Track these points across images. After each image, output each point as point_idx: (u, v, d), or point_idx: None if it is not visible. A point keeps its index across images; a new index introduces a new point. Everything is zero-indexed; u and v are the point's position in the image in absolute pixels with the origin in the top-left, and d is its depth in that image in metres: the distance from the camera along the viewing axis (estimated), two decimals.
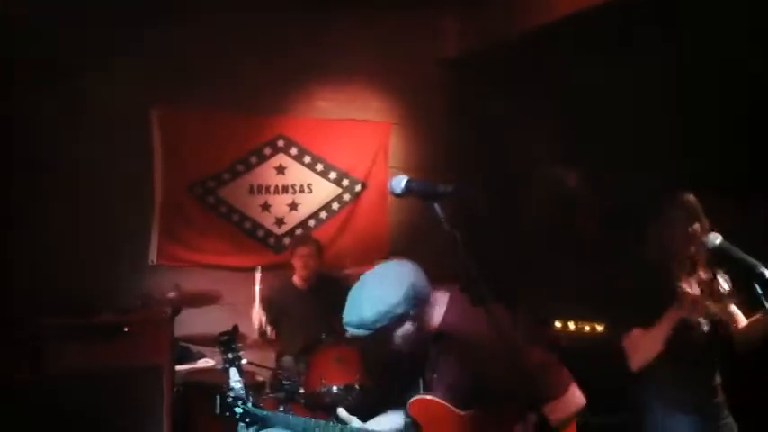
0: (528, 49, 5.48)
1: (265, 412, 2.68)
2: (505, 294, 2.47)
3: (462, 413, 2.50)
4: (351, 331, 2.52)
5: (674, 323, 2.87)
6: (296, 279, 5.10)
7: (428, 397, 2.53)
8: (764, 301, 2.49)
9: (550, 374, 2.53)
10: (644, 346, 2.94)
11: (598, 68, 4.82)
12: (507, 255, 5.34)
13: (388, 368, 2.83)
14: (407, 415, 2.53)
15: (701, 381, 3.01)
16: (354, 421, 2.60)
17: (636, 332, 2.97)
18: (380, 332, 2.48)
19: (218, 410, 2.67)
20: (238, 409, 2.67)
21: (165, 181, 5.62)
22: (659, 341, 2.89)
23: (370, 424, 2.65)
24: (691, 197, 3.06)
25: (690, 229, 2.94)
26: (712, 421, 3.00)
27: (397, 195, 2.26)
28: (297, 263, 5.05)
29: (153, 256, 5.57)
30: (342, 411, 2.63)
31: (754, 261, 2.55)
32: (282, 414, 2.78)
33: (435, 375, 2.57)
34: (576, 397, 2.54)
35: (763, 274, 2.49)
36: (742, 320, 3.05)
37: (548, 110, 5.38)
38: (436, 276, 2.66)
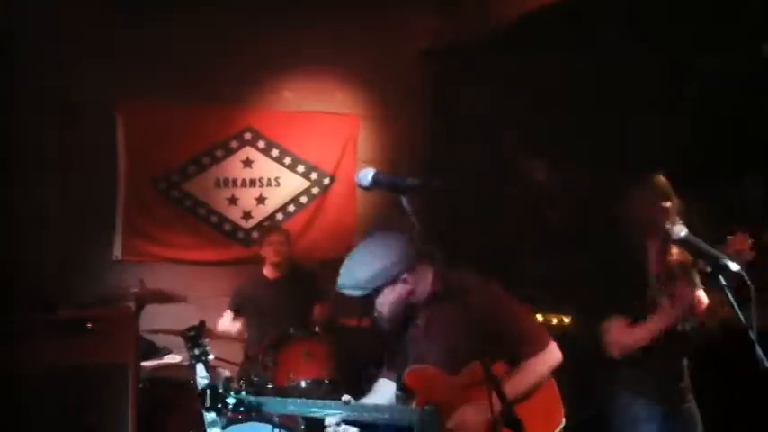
0: (500, 43, 5.49)
1: (260, 398, 2.64)
2: None
3: (454, 377, 2.62)
4: (347, 293, 2.60)
5: (669, 324, 2.89)
6: (266, 270, 5.07)
7: (421, 366, 2.63)
8: (728, 293, 2.51)
9: (534, 331, 2.71)
10: (630, 338, 2.95)
11: (570, 63, 4.85)
12: (479, 248, 5.36)
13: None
14: (402, 385, 2.63)
15: (668, 367, 3.04)
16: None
17: (619, 322, 2.97)
18: (375, 293, 2.57)
19: (208, 404, 2.59)
20: (231, 399, 2.60)
21: (128, 174, 5.53)
22: (648, 337, 2.92)
23: (364, 400, 2.73)
24: (661, 177, 3.08)
25: (662, 207, 2.96)
26: (676, 405, 3.04)
27: (365, 188, 2.26)
28: (268, 250, 5.01)
29: (117, 251, 5.49)
30: (347, 398, 2.66)
31: (717, 253, 2.56)
32: (279, 399, 2.75)
33: (425, 344, 2.67)
34: (556, 352, 2.69)
35: (727, 266, 2.50)
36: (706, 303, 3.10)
37: (520, 104, 5.40)
38: None
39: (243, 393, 2.61)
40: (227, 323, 4.95)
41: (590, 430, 3.12)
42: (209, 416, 3.18)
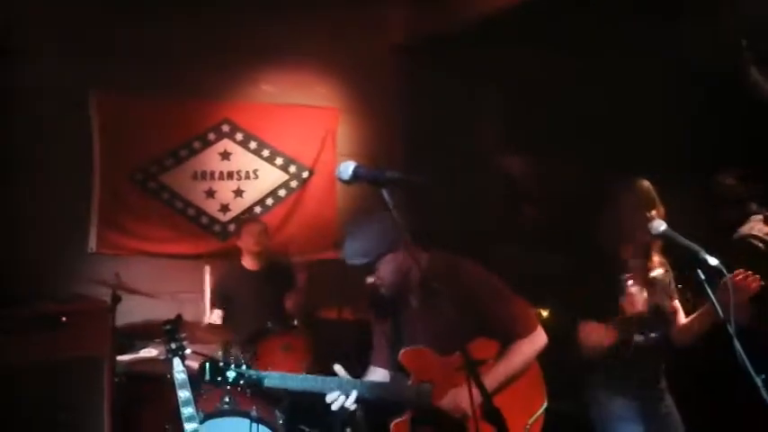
0: (477, 36, 5.48)
1: (260, 373, 2.70)
2: None
3: (447, 358, 2.75)
4: (352, 262, 2.73)
5: (607, 342, 2.92)
6: (245, 261, 5.04)
7: (415, 347, 2.77)
8: (707, 287, 2.53)
9: (523, 314, 2.87)
10: (598, 339, 2.96)
11: (547, 57, 4.86)
12: (455, 240, 5.36)
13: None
14: (398, 364, 2.76)
15: (646, 368, 3.06)
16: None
17: (592, 325, 2.98)
18: (377, 260, 2.72)
19: (207, 377, 2.64)
20: (231, 373, 2.66)
21: (104, 166, 5.44)
22: (611, 341, 2.95)
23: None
24: (645, 182, 3.05)
25: (647, 215, 2.94)
26: (653, 405, 3.06)
27: (345, 182, 2.25)
28: (247, 241, 4.99)
29: (92, 244, 5.40)
30: (338, 368, 2.76)
31: (696, 247, 2.58)
32: (279, 374, 2.79)
33: (419, 325, 2.79)
34: (542, 335, 2.86)
35: (705, 261, 2.52)
36: (681, 317, 3.12)
37: (497, 97, 5.41)
38: None
39: (243, 368, 2.66)
40: (219, 320, 4.90)
41: (569, 428, 3.14)
42: (187, 410, 3.14)
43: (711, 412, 3.27)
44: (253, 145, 5.95)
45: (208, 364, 2.65)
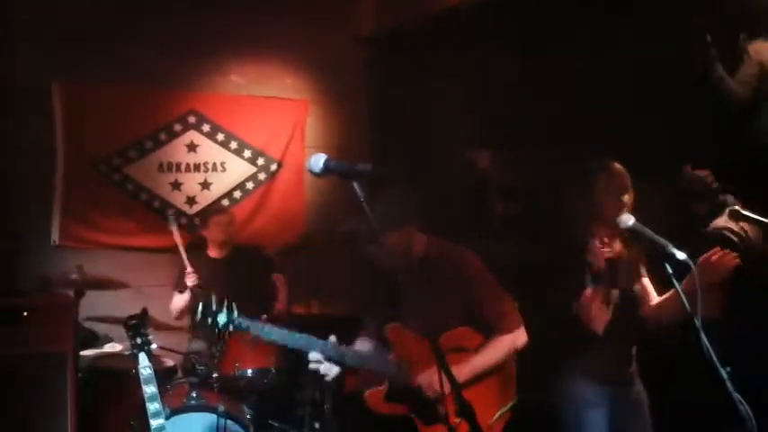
0: (444, 29, 5.47)
1: (249, 323, 2.76)
2: None
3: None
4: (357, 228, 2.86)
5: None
6: (210, 251, 4.98)
7: (401, 324, 2.90)
8: (674, 281, 2.55)
9: (508, 311, 2.99)
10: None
11: (514, 49, 4.87)
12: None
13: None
14: (383, 338, 2.90)
15: (617, 352, 3.08)
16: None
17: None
18: (382, 234, 2.84)
19: (199, 317, 2.71)
20: (222, 317, 2.70)
21: (67, 157, 5.35)
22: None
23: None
24: (619, 166, 3.03)
25: (620, 199, 2.94)
26: (623, 389, 3.09)
27: (316, 174, 2.24)
28: (214, 231, 4.95)
29: (55, 237, 5.31)
30: (333, 338, 2.85)
31: (664, 241, 2.60)
32: (268, 326, 2.84)
33: (408, 304, 2.89)
34: (523, 335, 2.99)
35: (673, 254, 2.54)
36: (654, 296, 3.14)
37: (465, 90, 5.41)
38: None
39: (234, 314, 2.71)
40: (180, 305, 4.82)
41: (539, 414, 3.15)
42: (153, 406, 3.09)
43: (680, 398, 3.31)
44: (220, 137, 5.88)
45: (201, 304, 2.70)
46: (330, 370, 2.80)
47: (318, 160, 2.21)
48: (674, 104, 4.29)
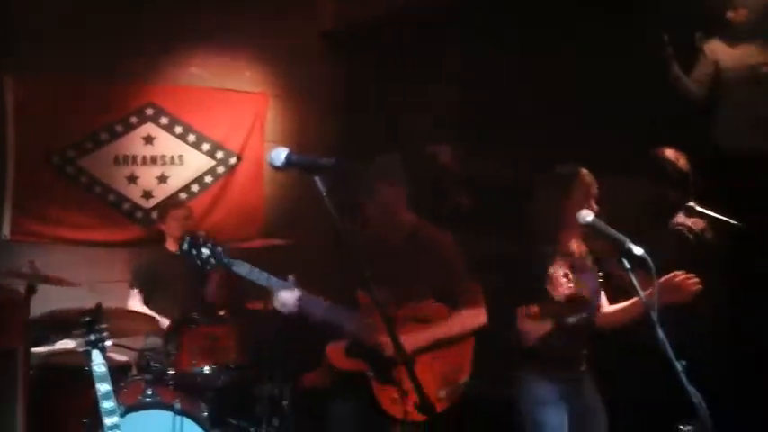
0: (406, 23, 5.47)
1: (230, 260, 2.90)
2: None
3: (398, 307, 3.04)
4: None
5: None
6: (169, 244, 4.92)
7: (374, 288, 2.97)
8: (632, 277, 2.59)
9: (473, 289, 3.21)
10: (535, 328, 2.99)
11: (479, 45, 4.88)
12: None
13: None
14: (353, 298, 3.00)
15: (570, 352, 3.11)
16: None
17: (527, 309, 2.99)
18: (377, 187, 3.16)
19: (185, 247, 2.85)
20: (206, 250, 2.84)
21: (19, 150, 5.22)
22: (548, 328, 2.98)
23: None
24: (587, 172, 3.06)
25: (587, 205, 2.96)
26: (576, 389, 3.12)
27: (277, 168, 2.24)
28: (172, 225, 4.88)
29: (6, 231, 5.18)
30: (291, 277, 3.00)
31: (622, 237, 2.64)
32: (247, 265, 2.93)
33: (383, 269, 2.84)
34: (484, 315, 3.20)
35: (630, 251, 2.58)
36: (605, 304, 3.19)
37: (429, 86, 5.41)
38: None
39: (218, 249, 2.88)
40: (139, 306, 4.75)
41: (495, 412, 3.18)
42: (107, 404, 3.02)
43: (635, 392, 3.36)
44: (178, 129, 5.78)
45: (188, 237, 2.87)
46: (288, 298, 2.94)
47: (280, 154, 2.20)
48: (636, 103, 4.36)
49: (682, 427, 2.32)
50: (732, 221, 3.66)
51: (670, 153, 3.72)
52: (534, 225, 3.12)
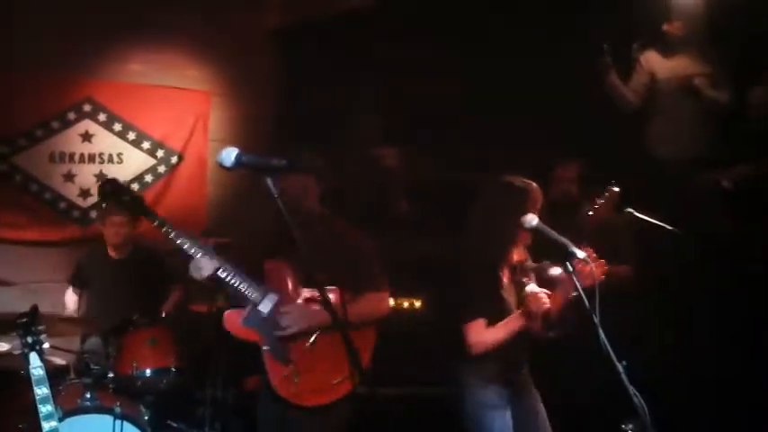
0: (353, 23, 5.48)
1: (159, 218, 3.02)
2: None
3: (302, 287, 3.10)
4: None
5: (521, 326, 3.00)
6: (110, 249, 4.79)
7: (284, 264, 3.12)
8: (575, 278, 2.66)
9: (377, 275, 3.18)
10: (490, 338, 3.01)
11: (423, 45, 4.92)
12: None
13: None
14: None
15: (513, 356, 3.17)
16: None
17: (478, 324, 3.02)
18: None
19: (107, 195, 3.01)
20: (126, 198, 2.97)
21: None
22: (503, 337, 3.01)
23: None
24: (534, 185, 3.07)
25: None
26: (519, 390, 3.19)
27: (227, 169, 2.18)
28: (109, 230, 4.72)
29: None
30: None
31: (565, 241, 2.71)
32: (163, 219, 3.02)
33: (294, 250, 2.80)
34: (387, 300, 3.23)
35: (574, 253, 2.66)
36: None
37: (373, 86, 5.43)
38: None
39: (139, 198, 3.05)
40: (72, 305, 4.63)
41: (442, 415, 3.21)
42: (45, 408, 2.93)
43: (578, 392, 3.45)
44: (117, 127, 5.65)
45: (108, 184, 3.05)
46: (205, 264, 2.97)
47: (230, 154, 2.15)
48: (576, 110, 4.47)
49: (624, 425, 2.39)
50: (668, 226, 3.80)
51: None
52: (482, 234, 3.13)
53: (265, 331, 3.04)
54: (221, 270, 3.00)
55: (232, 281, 3.02)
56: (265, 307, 3.04)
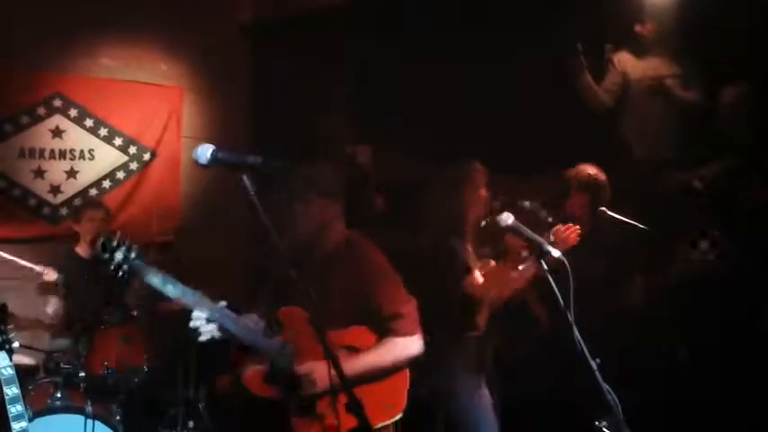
0: (324, 20, 5.47)
1: (146, 268, 2.52)
2: None
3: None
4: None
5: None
6: (80, 248, 4.72)
7: (299, 309, 2.66)
8: (549, 277, 2.68)
9: (408, 316, 2.78)
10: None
11: (395, 43, 4.92)
12: None
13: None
14: (275, 318, 2.72)
15: (482, 351, 3.22)
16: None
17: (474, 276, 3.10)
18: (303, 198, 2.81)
19: (98, 249, 2.51)
20: (119, 255, 2.49)
21: None
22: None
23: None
24: (477, 164, 3.24)
25: (477, 194, 3.09)
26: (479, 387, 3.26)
27: (202, 166, 2.16)
28: (87, 227, 4.67)
29: None
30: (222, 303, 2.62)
31: (540, 239, 2.73)
32: (162, 275, 2.56)
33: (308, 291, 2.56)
34: (418, 343, 2.78)
35: (549, 252, 2.67)
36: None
37: (345, 83, 5.43)
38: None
39: (132, 255, 2.51)
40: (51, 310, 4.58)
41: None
42: (14, 408, 2.89)
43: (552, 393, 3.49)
44: (89, 122, 5.58)
45: (103, 238, 2.53)
46: (208, 330, 2.56)
47: (206, 151, 2.13)
48: (546, 109, 4.51)
49: (597, 423, 2.41)
50: (640, 225, 3.85)
51: None
52: (435, 221, 3.22)
53: (287, 389, 2.68)
54: (227, 325, 2.57)
55: (244, 336, 2.62)
56: (285, 362, 2.66)
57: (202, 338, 2.54)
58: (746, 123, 4.19)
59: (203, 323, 2.52)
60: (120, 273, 2.50)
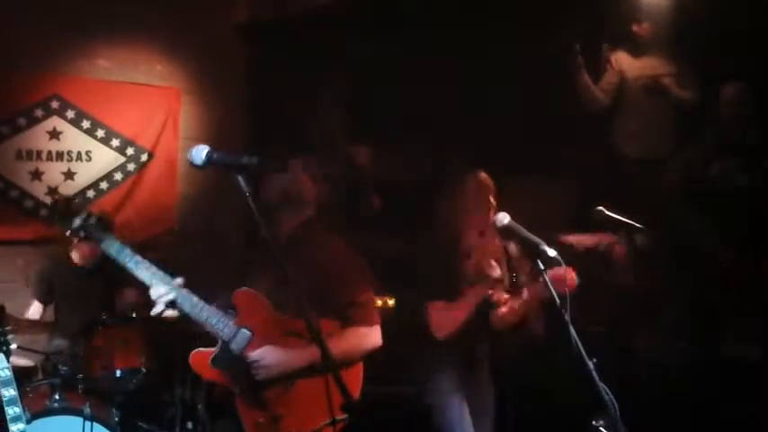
0: (322, 20, 5.47)
1: (104, 236, 2.62)
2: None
3: (280, 316, 2.68)
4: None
5: (479, 300, 3.04)
6: (74, 254, 4.70)
7: (255, 292, 2.69)
8: (545, 277, 2.68)
9: (369, 306, 2.82)
10: (448, 318, 3.07)
11: (393, 44, 4.93)
12: None
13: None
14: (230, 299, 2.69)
15: (468, 341, 3.21)
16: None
17: (439, 305, 3.09)
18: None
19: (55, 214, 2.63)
20: (77, 221, 2.60)
21: None
22: (464, 314, 3.05)
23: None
24: (484, 174, 3.25)
25: (484, 205, 3.11)
26: (476, 388, 3.27)
27: (198, 167, 2.17)
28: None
29: None
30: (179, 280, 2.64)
31: (537, 240, 2.73)
32: (119, 244, 2.66)
33: (270, 273, 2.63)
34: (378, 335, 2.80)
35: (545, 252, 2.68)
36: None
37: (343, 83, 5.43)
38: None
39: (93, 219, 2.56)
40: (37, 316, 4.55)
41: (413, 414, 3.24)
42: (12, 410, 2.89)
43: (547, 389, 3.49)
44: (86, 124, 5.57)
45: (58, 202, 2.69)
46: (161, 304, 2.60)
47: (201, 152, 2.14)
48: (544, 109, 4.51)
49: (594, 422, 2.42)
50: (636, 224, 3.85)
51: None
52: (441, 225, 3.24)
53: (236, 373, 2.63)
54: (181, 302, 2.59)
55: (197, 315, 2.61)
56: (237, 346, 2.62)
57: (155, 311, 2.60)
58: (747, 122, 4.19)
59: (160, 297, 2.58)
60: (77, 238, 2.53)
